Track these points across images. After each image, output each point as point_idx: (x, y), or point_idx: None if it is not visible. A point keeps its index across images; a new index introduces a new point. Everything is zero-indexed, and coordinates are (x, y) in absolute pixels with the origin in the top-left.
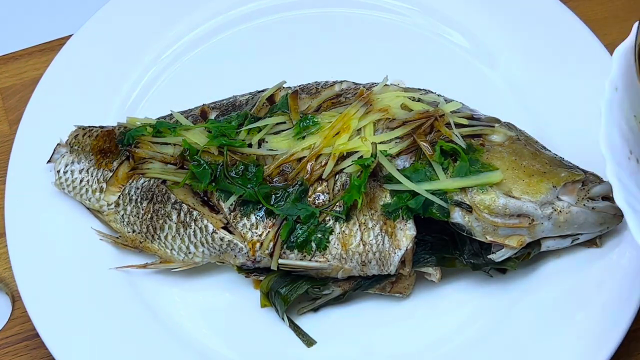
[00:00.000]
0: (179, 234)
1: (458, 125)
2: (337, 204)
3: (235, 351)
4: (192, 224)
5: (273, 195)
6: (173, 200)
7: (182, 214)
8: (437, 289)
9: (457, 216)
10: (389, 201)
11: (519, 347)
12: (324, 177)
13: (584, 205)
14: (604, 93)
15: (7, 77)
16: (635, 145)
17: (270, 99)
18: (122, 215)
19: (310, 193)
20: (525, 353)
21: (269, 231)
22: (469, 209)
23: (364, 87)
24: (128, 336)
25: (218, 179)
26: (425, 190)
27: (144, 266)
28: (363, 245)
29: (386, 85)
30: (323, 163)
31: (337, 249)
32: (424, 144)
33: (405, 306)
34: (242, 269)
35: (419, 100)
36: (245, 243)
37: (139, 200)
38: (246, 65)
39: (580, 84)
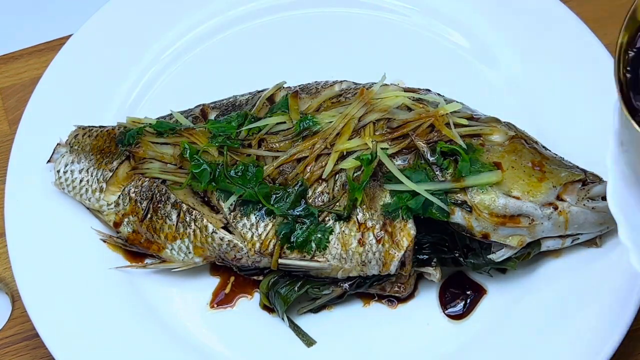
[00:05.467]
0: (178, 234)
1: (458, 126)
2: (337, 204)
3: (235, 351)
4: (192, 224)
5: (273, 195)
6: (173, 200)
7: (182, 214)
8: (437, 289)
9: (457, 216)
10: (389, 201)
11: (519, 347)
12: (323, 177)
13: (584, 205)
14: (608, 148)
15: (7, 77)
16: None
17: (270, 99)
18: (122, 215)
19: (310, 193)
20: (525, 353)
21: (269, 231)
22: (468, 209)
23: (364, 87)
24: (128, 336)
25: (218, 179)
26: (425, 190)
27: (144, 266)
28: (363, 245)
29: (386, 85)
30: (323, 163)
31: (337, 249)
32: (422, 145)
33: (405, 306)
34: (242, 269)
35: (419, 100)
36: (245, 243)
37: (139, 200)
38: (246, 65)
39: (580, 83)
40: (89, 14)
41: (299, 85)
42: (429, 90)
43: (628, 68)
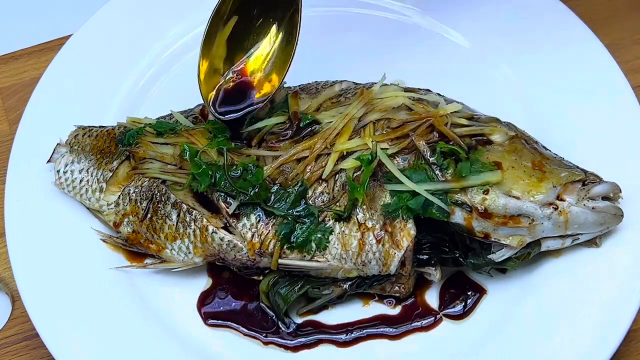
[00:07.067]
0: (178, 234)
1: (458, 126)
2: (337, 204)
3: (236, 351)
4: (192, 224)
5: (272, 196)
6: (173, 200)
7: (182, 214)
8: (437, 289)
9: (457, 216)
10: (389, 201)
11: (519, 347)
12: (323, 177)
13: (584, 205)
14: None
15: (7, 77)
16: None
17: (270, 99)
18: (122, 215)
19: (310, 193)
20: (525, 353)
21: (269, 231)
22: (469, 209)
23: (364, 87)
24: (128, 336)
25: (219, 182)
26: (425, 190)
27: (144, 266)
28: (363, 245)
29: (386, 85)
30: (323, 163)
31: (337, 249)
32: (422, 146)
33: (406, 306)
34: (242, 269)
35: (419, 100)
36: (245, 243)
37: (138, 200)
38: None
39: (580, 83)
40: (89, 14)
41: (299, 85)
42: (429, 90)
43: None
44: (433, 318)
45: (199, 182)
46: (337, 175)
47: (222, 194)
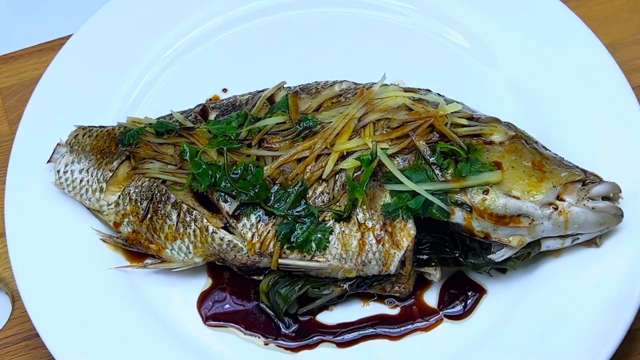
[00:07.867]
0: (178, 234)
1: (458, 126)
2: (337, 204)
3: (236, 351)
4: (192, 224)
5: (272, 196)
6: (173, 201)
7: (182, 214)
8: (437, 289)
9: (457, 216)
10: (389, 201)
11: (519, 347)
12: (324, 177)
13: (584, 205)
14: None
15: (7, 77)
16: None
17: (270, 99)
18: (122, 215)
19: (310, 193)
20: (525, 353)
21: (269, 231)
22: (469, 209)
23: (364, 87)
24: (128, 336)
25: (219, 181)
26: (425, 190)
27: (144, 266)
28: (363, 245)
29: (386, 85)
30: (323, 163)
31: (337, 249)
32: (422, 146)
33: (405, 306)
34: (242, 269)
35: (419, 100)
36: (245, 243)
37: (139, 200)
38: (246, 65)
39: (580, 83)
40: (89, 14)
41: (299, 85)
42: (429, 90)
43: None
44: (433, 318)
45: (199, 182)
46: (337, 175)
47: (222, 194)
